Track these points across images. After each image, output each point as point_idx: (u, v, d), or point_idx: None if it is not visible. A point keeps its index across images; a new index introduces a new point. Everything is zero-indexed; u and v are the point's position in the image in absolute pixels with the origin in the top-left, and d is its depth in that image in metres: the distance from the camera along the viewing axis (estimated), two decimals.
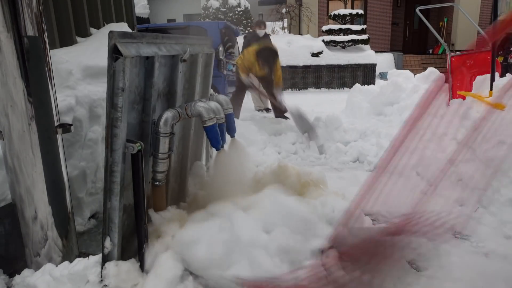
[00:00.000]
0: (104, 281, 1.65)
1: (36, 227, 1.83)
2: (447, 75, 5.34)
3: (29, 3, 1.64)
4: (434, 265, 2.06)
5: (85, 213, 2.58)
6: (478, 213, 2.58)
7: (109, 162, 1.59)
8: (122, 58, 1.48)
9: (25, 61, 1.65)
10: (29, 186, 1.78)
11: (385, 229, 2.14)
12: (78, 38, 3.27)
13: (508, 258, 2.11)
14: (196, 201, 2.34)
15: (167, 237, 1.86)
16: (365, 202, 1.87)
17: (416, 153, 2.08)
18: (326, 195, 2.23)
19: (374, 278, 1.69)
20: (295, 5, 16.73)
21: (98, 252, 1.75)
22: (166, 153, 1.86)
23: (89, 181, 2.62)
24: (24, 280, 1.78)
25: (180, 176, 2.36)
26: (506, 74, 3.35)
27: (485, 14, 13.11)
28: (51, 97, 1.78)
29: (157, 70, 1.80)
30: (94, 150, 2.63)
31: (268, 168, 2.48)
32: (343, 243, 1.78)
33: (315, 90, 10.75)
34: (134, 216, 1.71)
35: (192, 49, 2.10)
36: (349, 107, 5.84)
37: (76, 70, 2.57)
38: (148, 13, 15.36)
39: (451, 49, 11.33)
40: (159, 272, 1.67)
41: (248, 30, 15.26)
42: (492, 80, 2.94)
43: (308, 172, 2.42)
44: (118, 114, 1.54)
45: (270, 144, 4.20)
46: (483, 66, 4.67)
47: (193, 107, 1.92)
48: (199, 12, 19.01)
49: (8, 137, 1.73)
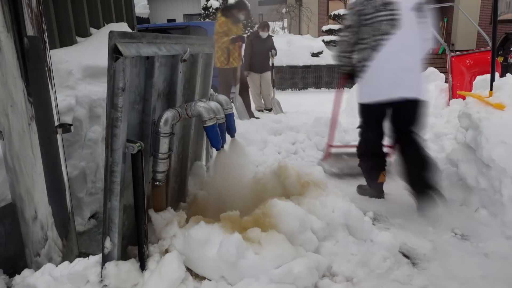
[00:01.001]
0: (104, 281, 1.64)
1: (36, 227, 1.83)
2: (447, 75, 5.35)
3: (29, 3, 1.63)
4: (434, 265, 2.06)
5: (85, 213, 2.58)
6: (478, 213, 2.59)
7: (109, 162, 1.59)
8: (122, 58, 1.48)
9: (25, 61, 1.65)
10: (29, 186, 1.78)
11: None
12: (78, 38, 3.27)
13: (508, 258, 2.11)
14: (196, 201, 2.34)
15: (168, 237, 1.87)
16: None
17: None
18: (326, 195, 2.23)
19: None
20: (295, 5, 16.74)
21: (98, 252, 1.75)
22: (166, 153, 1.86)
23: (89, 181, 2.62)
24: (24, 280, 1.78)
25: (180, 176, 2.36)
26: (506, 74, 3.34)
27: (485, 14, 13.10)
28: (51, 97, 1.78)
29: (157, 70, 1.80)
30: (94, 150, 2.63)
31: (268, 168, 2.48)
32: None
33: (315, 90, 10.74)
34: (134, 216, 1.71)
35: (192, 49, 2.10)
36: (349, 107, 5.83)
37: (76, 70, 2.57)
38: (148, 13, 15.38)
39: (451, 49, 11.33)
40: (163, 272, 1.67)
41: (248, 30, 15.25)
42: (492, 80, 2.94)
43: (308, 172, 2.42)
44: (118, 114, 1.54)
45: (270, 144, 4.20)
46: (483, 66, 4.69)
47: (193, 107, 1.92)
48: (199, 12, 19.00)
49: (8, 137, 1.73)
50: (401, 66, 2.55)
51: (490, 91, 2.92)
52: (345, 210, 2.10)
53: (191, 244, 1.79)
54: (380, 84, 2.61)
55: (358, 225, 2.10)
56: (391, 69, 2.55)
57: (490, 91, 2.92)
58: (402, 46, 2.52)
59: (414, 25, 2.52)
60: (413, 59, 2.60)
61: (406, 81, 2.56)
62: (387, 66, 2.57)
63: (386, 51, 2.54)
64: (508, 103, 2.71)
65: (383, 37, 2.53)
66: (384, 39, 2.53)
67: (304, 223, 1.95)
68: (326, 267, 1.91)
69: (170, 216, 1.94)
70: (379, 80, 2.61)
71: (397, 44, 2.52)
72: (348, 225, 2.11)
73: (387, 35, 2.52)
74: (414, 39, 2.55)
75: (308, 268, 1.74)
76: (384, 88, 2.59)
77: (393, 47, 2.53)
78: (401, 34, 2.50)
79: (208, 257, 1.76)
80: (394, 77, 2.55)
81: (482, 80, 3.52)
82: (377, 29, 2.54)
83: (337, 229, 2.09)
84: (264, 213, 1.97)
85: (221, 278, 1.77)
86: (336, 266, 1.93)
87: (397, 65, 2.55)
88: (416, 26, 2.53)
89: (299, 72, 10.67)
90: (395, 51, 2.53)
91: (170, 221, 1.92)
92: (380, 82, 2.61)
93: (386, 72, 2.57)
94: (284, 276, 1.68)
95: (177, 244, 1.83)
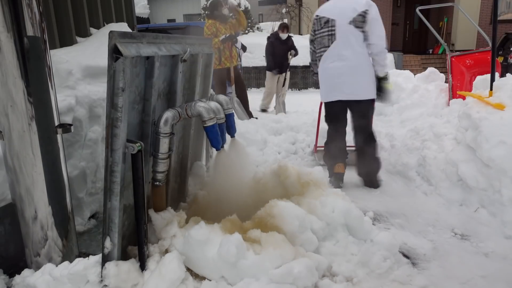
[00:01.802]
0: (104, 281, 1.64)
1: (36, 227, 1.83)
2: (447, 75, 5.35)
3: (29, 3, 1.63)
4: (434, 265, 2.06)
5: (85, 213, 2.58)
6: (478, 213, 2.59)
7: (109, 162, 1.59)
8: (122, 58, 1.48)
9: (25, 61, 1.65)
10: (29, 186, 1.78)
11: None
12: (78, 38, 3.27)
13: (508, 258, 2.11)
14: (196, 201, 2.34)
15: (168, 237, 1.87)
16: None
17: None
18: (326, 195, 2.23)
19: None
20: (295, 5, 16.75)
21: (98, 252, 1.75)
22: (166, 153, 1.86)
23: (89, 181, 2.62)
24: (24, 280, 1.78)
25: (180, 176, 2.36)
26: (506, 74, 3.34)
27: (485, 14, 13.10)
28: (51, 97, 1.78)
29: (157, 70, 1.80)
30: (94, 150, 2.63)
31: (268, 168, 2.48)
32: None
33: (315, 90, 10.72)
34: (134, 216, 1.71)
35: (192, 49, 2.10)
36: None
37: (76, 70, 2.57)
38: (148, 13, 15.37)
39: (451, 49, 11.33)
40: (163, 272, 1.67)
41: (248, 30, 15.24)
42: (492, 80, 2.93)
43: (308, 172, 2.42)
44: (118, 114, 1.54)
45: (270, 144, 4.20)
46: (483, 66, 4.69)
47: (193, 107, 1.92)
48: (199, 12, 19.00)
49: (8, 137, 1.73)
50: (336, 72, 3.05)
51: (490, 91, 2.92)
52: (345, 210, 2.10)
53: (191, 244, 1.79)
54: (323, 88, 3.21)
55: (358, 225, 2.10)
56: (328, 75, 3.11)
57: (490, 91, 2.92)
58: (337, 56, 3.03)
59: (349, 37, 2.98)
60: (346, 67, 3.01)
61: (340, 85, 3.05)
62: (325, 73, 3.13)
63: (324, 61, 3.12)
64: (508, 103, 2.71)
65: (324, 49, 3.10)
66: (324, 51, 3.09)
67: (304, 223, 1.95)
68: (326, 267, 1.91)
69: (170, 216, 1.94)
70: (323, 85, 3.21)
71: (333, 54, 3.05)
72: (348, 225, 2.11)
73: (326, 48, 3.08)
74: (348, 48, 2.99)
75: (308, 268, 1.73)
76: (325, 92, 3.18)
77: (328, 58, 3.08)
78: (334, 47, 3.03)
79: (208, 257, 1.76)
80: (331, 83, 3.12)
81: (482, 80, 3.51)
82: (320, 43, 3.13)
83: (337, 229, 2.09)
84: (268, 213, 1.97)
85: (221, 278, 1.77)
86: (336, 266, 1.93)
87: (332, 72, 3.07)
88: (352, 37, 2.97)
89: (299, 72, 10.68)
90: (331, 60, 3.07)
91: (170, 221, 1.92)
92: (323, 87, 3.21)
93: (326, 79, 3.15)
94: (284, 276, 1.68)
95: (177, 244, 1.83)
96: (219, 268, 1.75)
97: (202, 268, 1.80)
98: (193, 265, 1.81)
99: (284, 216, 1.93)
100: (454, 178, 2.90)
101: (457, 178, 2.87)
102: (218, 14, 5.29)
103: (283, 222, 1.92)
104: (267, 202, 2.04)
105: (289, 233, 1.90)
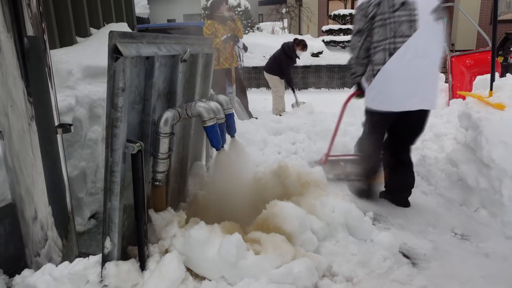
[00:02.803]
0: (104, 281, 1.65)
1: (36, 227, 1.83)
2: (447, 75, 5.35)
3: (29, 3, 1.64)
4: (434, 265, 2.06)
5: (85, 213, 2.58)
6: (478, 213, 2.59)
7: (109, 162, 1.59)
8: (122, 58, 1.48)
9: (25, 61, 1.65)
10: (29, 186, 1.78)
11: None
12: (78, 38, 3.27)
13: (508, 258, 2.11)
14: (196, 201, 2.34)
15: (168, 237, 1.87)
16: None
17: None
18: (326, 195, 2.23)
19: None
20: (295, 5, 16.74)
21: (98, 252, 1.75)
22: (166, 153, 1.86)
23: (89, 181, 2.62)
24: (24, 280, 1.78)
25: (180, 176, 2.36)
26: (506, 74, 3.34)
27: (485, 14, 13.10)
28: (51, 97, 1.78)
29: (157, 70, 1.80)
30: (94, 150, 2.63)
31: (268, 168, 2.48)
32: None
33: (315, 90, 10.75)
34: (134, 216, 1.71)
35: (192, 49, 2.10)
36: (349, 107, 5.82)
37: (76, 70, 2.57)
38: (148, 13, 15.36)
39: (451, 49, 11.32)
40: (163, 272, 1.67)
41: (248, 30, 15.22)
42: (492, 80, 2.93)
43: (308, 172, 2.42)
44: (118, 114, 1.54)
45: (270, 144, 4.20)
46: (483, 66, 4.69)
47: (193, 107, 1.92)
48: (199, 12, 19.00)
49: (8, 137, 1.73)
50: (420, 72, 2.35)
51: (490, 91, 2.92)
52: (345, 210, 2.10)
53: (191, 244, 1.79)
54: (393, 92, 2.41)
55: (358, 225, 2.10)
56: (406, 76, 2.35)
57: (490, 91, 2.92)
58: (419, 51, 2.32)
59: (431, 28, 2.33)
60: (430, 66, 2.39)
61: (422, 90, 2.37)
62: (402, 73, 2.36)
63: (402, 56, 2.33)
64: (508, 103, 2.71)
65: (402, 39, 2.33)
66: (402, 41, 2.33)
67: (304, 223, 1.95)
68: (326, 267, 1.91)
69: (170, 216, 1.94)
70: (393, 88, 2.40)
71: (413, 48, 2.32)
72: (348, 225, 2.11)
73: (405, 38, 2.32)
74: (431, 44, 2.35)
75: (308, 268, 1.73)
76: (398, 97, 2.41)
77: (409, 52, 2.32)
78: (418, 38, 2.30)
79: (208, 257, 1.76)
80: (409, 86, 2.36)
81: (482, 80, 3.52)
82: (395, 31, 2.33)
83: (337, 229, 2.09)
84: (272, 213, 1.97)
85: (221, 278, 1.77)
86: (336, 266, 1.93)
87: (415, 72, 2.35)
88: (433, 30, 2.34)
89: (299, 72, 10.67)
90: (412, 56, 2.32)
91: (170, 221, 1.92)
92: (394, 90, 2.40)
93: (401, 80, 2.37)
94: (284, 276, 1.68)
95: (177, 244, 1.83)
96: (219, 268, 1.75)
97: (202, 268, 1.80)
98: (193, 265, 1.81)
99: (284, 216, 1.93)
100: (454, 178, 2.91)
101: (457, 178, 2.87)
102: (218, 15, 5.29)
103: (283, 222, 1.92)
104: (267, 202, 2.04)
105: (289, 233, 1.90)
